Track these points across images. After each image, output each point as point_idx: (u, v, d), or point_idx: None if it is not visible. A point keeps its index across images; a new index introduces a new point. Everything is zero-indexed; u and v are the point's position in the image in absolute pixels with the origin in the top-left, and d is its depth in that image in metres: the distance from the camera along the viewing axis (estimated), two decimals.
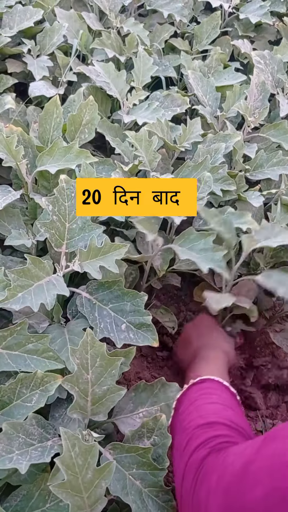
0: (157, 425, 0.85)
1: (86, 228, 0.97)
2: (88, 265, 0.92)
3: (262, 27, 1.88)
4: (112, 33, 1.54)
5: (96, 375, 0.79)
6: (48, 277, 0.90)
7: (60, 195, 0.95)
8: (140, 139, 1.15)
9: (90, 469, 0.68)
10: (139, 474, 0.80)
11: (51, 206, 0.94)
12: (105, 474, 0.69)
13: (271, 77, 1.52)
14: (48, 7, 1.60)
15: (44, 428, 0.80)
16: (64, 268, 0.94)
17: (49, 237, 0.95)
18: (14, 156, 1.07)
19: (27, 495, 0.77)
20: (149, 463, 0.80)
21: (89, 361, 0.78)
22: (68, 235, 0.96)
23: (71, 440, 0.67)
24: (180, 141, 1.28)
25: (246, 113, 1.36)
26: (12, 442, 0.76)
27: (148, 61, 1.44)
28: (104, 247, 0.92)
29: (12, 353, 0.84)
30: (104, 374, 0.80)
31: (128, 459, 0.81)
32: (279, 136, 1.37)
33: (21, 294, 0.85)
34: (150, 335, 0.92)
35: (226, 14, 1.81)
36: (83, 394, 0.79)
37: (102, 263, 0.91)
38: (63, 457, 0.67)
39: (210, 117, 1.40)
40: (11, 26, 1.49)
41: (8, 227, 1.07)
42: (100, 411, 0.82)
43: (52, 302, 0.86)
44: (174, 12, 1.72)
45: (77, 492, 0.67)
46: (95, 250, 0.92)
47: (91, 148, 1.36)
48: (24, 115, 1.34)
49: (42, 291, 0.87)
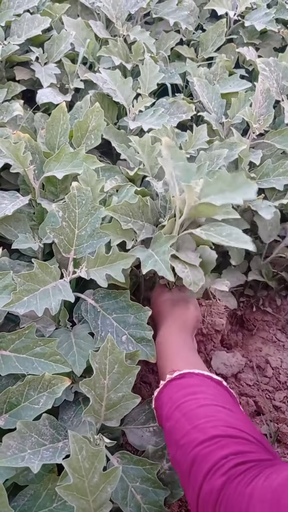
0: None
1: (95, 235, 0.98)
2: (95, 272, 0.93)
3: (267, 34, 1.90)
4: (119, 41, 1.56)
5: (113, 381, 0.80)
6: (54, 282, 0.91)
7: (71, 202, 0.96)
8: (143, 144, 1.16)
9: (97, 473, 0.68)
10: (141, 488, 0.80)
11: (61, 212, 0.96)
12: (111, 479, 0.69)
13: (276, 84, 1.53)
14: (55, 15, 1.63)
15: (55, 429, 0.81)
16: (71, 274, 0.95)
17: (57, 243, 0.96)
18: (21, 162, 1.09)
19: (34, 494, 0.77)
20: (154, 480, 0.81)
21: (107, 366, 0.79)
22: (76, 242, 0.98)
23: (79, 443, 0.68)
24: (186, 147, 1.29)
25: (251, 120, 1.37)
26: (25, 441, 0.77)
27: (154, 68, 1.46)
28: (112, 256, 0.93)
29: (20, 356, 0.85)
30: (120, 381, 0.81)
31: (134, 471, 0.82)
32: (284, 143, 1.38)
33: (27, 298, 0.86)
34: (149, 350, 0.93)
35: (231, 21, 1.83)
36: (99, 399, 0.80)
37: (109, 271, 0.92)
38: (71, 460, 0.67)
39: (216, 124, 1.42)
40: (19, 34, 1.52)
41: (15, 231, 1.08)
42: (113, 417, 0.82)
43: (57, 307, 0.87)
44: (180, 20, 1.74)
45: (83, 495, 0.68)
46: (102, 258, 0.93)
47: (97, 154, 1.38)
48: (32, 121, 1.36)
49: (47, 296, 0.88)
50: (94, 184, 1.07)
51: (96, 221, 0.97)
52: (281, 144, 1.38)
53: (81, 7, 1.75)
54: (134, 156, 1.26)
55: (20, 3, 1.58)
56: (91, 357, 0.79)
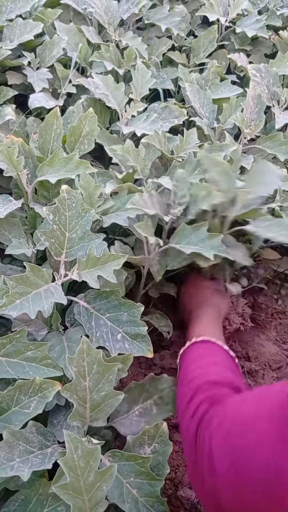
0: (158, 432, 0.86)
1: (85, 238, 0.98)
2: (87, 274, 0.93)
3: (258, 40, 1.92)
4: (111, 46, 1.57)
5: (94, 382, 0.80)
6: (46, 285, 0.91)
7: (61, 205, 0.97)
8: (127, 150, 1.18)
9: (92, 472, 0.68)
10: (136, 483, 0.81)
11: (52, 215, 0.96)
12: (107, 478, 0.69)
13: (267, 89, 1.55)
14: (48, 20, 1.64)
15: (43, 436, 0.81)
16: (63, 277, 0.95)
17: (48, 246, 0.96)
18: (14, 166, 1.09)
19: (25, 500, 0.77)
20: (147, 473, 0.81)
21: (86, 368, 0.79)
22: (67, 244, 0.98)
23: (74, 442, 0.68)
24: (177, 151, 1.30)
25: (243, 125, 1.38)
26: (13, 450, 0.76)
27: (146, 73, 1.47)
28: (103, 257, 0.93)
29: (11, 361, 0.85)
30: (101, 381, 0.80)
31: (127, 467, 0.82)
32: (275, 148, 1.39)
33: (19, 301, 0.86)
34: (145, 346, 0.94)
35: (222, 28, 1.85)
36: (82, 402, 0.80)
37: (100, 272, 0.93)
38: (66, 458, 0.67)
39: (207, 129, 1.43)
40: (11, 39, 1.52)
41: (9, 236, 1.08)
42: (99, 417, 0.83)
43: (50, 309, 0.87)
44: (172, 26, 1.75)
45: (79, 494, 0.68)
46: (93, 259, 0.93)
47: (90, 159, 1.38)
48: (24, 126, 1.36)
49: (40, 298, 0.88)
50: (92, 190, 1.08)
51: (86, 223, 0.98)
52: (272, 149, 1.39)
53: (73, 12, 1.76)
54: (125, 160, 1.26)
55: (12, 8, 1.58)
56: (68, 361, 0.79)
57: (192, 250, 1.03)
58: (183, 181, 1.13)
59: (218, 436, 0.70)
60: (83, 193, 1.07)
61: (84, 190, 1.07)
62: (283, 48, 1.82)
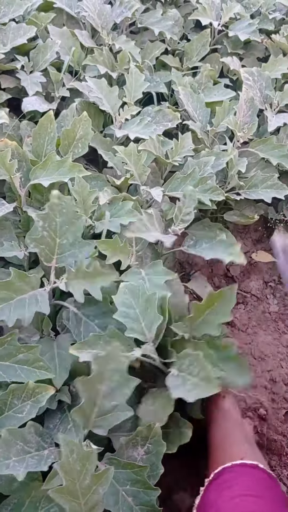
0: (151, 433, 0.85)
1: (76, 244, 0.96)
2: (74, 285, 0.92)
3: (251, 44, 1.93)
4: (104, 50, 1.58)
5: (109, 389, 0.78)
6: (32, 291, 0.90)
7: (52, 211, 0.93)
8: (129, 153, 1.17)
9: (88, 475, 0.68)
10: (132, 491, 0.80)
11: (42, 221, 0.92)
12: (103, 481, 0.69)
13: (260, 93, 1.55)
14: (41, 24, 1.64)
15: (41, 437, 0.81)
16: (52, 284, 0.94)
17: (38, 252, 0.94)
18: (7, 169, 1.09)
19: (18, 503, 0.77)
20: (144, 482, 0.80)
21: (107, 373, 0.77)
22: (58, 250, 0.95)
23: (70, 446, 0.68)
24: (172, 155, 1.31)
25: (236, 128, 1.39)
26: (10, 448, 0.76)
27: (139, 77, 1.48)
28: (92, 271, 0.91)
29: (3, 364, 0.85)
30: (116, 391, 0.79)
31: (123, 475, 0.81)
32: (268, 151, 1.40)
33: (0, 307, 0.84)
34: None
35: (215, 32, 1.86)
36: (91, 402, 0.78)
37: (87, 287, 0.91)
38: (62, 462, 0.67)
39: (201, 132, 1.43)
40: (4, 43, 1.52)
41: (1, 239, 1.08)
42: (102, 425, 0.81)
43: (30, 318, 0.86)
44: (165, 30, 1.76)
45: (75, 498, 0.67)
46: (82, 272, 0.91)
47: (83, 162, 1.38)
48: (18, 129, 1.36)
49: (23, 305, 0.87)
50: (86, 195, 1.07)
51: (77, 230, 0.95)
52: (265, 152, 1.40)
53: (66, 16, 1.76)
54: (120, 164, 1.27)
55: (6, 12, 1.59)
56: (93, 359, 0.76)
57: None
58: (191, 198, 1.11)
59: None
60: (77, 198, 1.07)
61: (78, 195, 1.07)
62: (275, 52, 1.83)
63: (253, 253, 1.58)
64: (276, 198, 1.36)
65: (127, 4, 1.73)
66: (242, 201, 1.39)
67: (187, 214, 1.11)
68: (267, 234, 1.65)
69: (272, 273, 1.58)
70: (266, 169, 1.43)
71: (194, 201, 1.11)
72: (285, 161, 1.38)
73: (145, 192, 1.17)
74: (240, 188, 1.37)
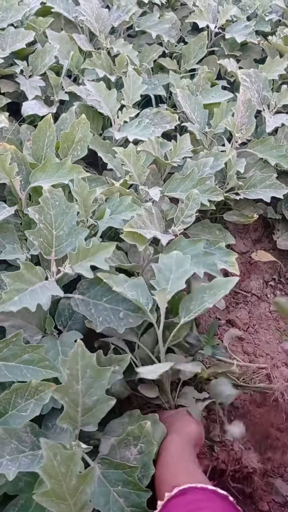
0: (142, 432, 0.84)
1: (73, 233, 0.98)
2: (79, 266, 0.94)
3: (248, 46, 1.94)
4: (102, 53, 1.59)
5: (86, 386, 0.79)
6: (41, 282, 0.91)
7: (45, 204, 0.97)
8: (128, 154, 1.18)
9: (74, 476, 0.68)
10: (123, 492, 0.80)
11: (37, 214, 0.96)
12: (88, 480, 0.69)
13: (257, 94, 1.57)
14: (39, 29, 1.65)
15: (37, 437, 0.80)
16: (55, 274, 0.96)
17: (38, 245, 0.97)
18: (8, 173, 1.10)
19: (25, 504, 0.77)
20: (135, 483, 0.80)
21: (79, 372, 0.79)
22: (56, 242, 0.98)
23: (52, 449, 0.68)
24: (171, 156, 1.32)
25: (234, 129, 1.40)
26: (4, 447, 0.76)
27: (137, 80, 1.49)
28: (92, 248, 0.93)
29: (9, 364, 0.85)
30: (94, 385, 0.80)
31: (115, 475, 0.81)
32: (266, 152, 1.41)
33: (18, 297, 0.85)
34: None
35: (212, 34, 1.87)
36: (73, 405, 0.79)
37: (92, 262, 0.93)
38: (45, 466, 0.67)
39: (199, 134, 1.44)
40: (3, 48, 1.54)
41: (3, 242, 1.09)
42: (90, 421, 0.82)
43: (48, 302, 0.87)
44: (162, 33, 1.77)
45: (62, 500, 0.67)
46: (84, 251, 0.93)
47: (83, 165, 1.39)
48: (17, 133, 1.37)
49: (37, 293, 0.88)
50: (86, 195, 1.08)
51: (72, 219, 0.98)
52: (263, 153, 1.41)
53: (64, 21, 1.77)
54: (120, 166, 1.28)
55: (4, 17, 1.60)
56: (61, 363, 0.79)
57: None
58: (195, 201, 1.12)
59: None
60: (77, 199, 1.08)
61: (78, 196, 1.08)
62: (272, 53, 1.84)
63: (253, 253, 1.59)
64: (275, 197, 1.37)
65: (124, 8, 1.74)
66: (241, 201, 1.40)
67: (188, 216, 1.12)
68: (266, 234, 1.66)
69: (272, 272, 1.59)
70: (265, 169, 1.45)
71: (197, 204, 1.13)
72: (283, 161, 1.40)
73: (144, 192, 1.18)
74: (239, 188, 1.38)
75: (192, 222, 1.13)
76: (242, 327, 1.43)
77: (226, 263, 1.10)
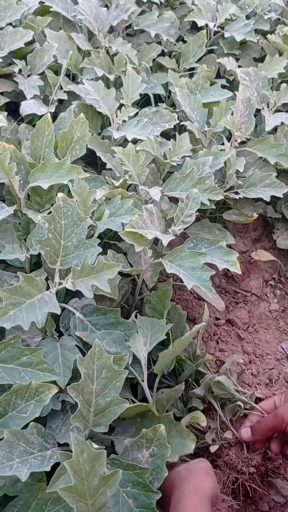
0: (156, 435, 0.84)
1: (81, 246, 0.97)
2: (81, 283, 0.93)
3: (247, 44, 1.94)
4: (101, 52, 1.59)
5: (101, 386, 0.80)
6: (40, 294, 0.90)
7: (57, 213, 0.95)
8: (128, 154, 1.18)
9: (97, 476, 0.67)
10: (133, 493, 0.79)
11: (47, 224, 0.95)
12: (111, 483, 0.69)
13: (256, 93, 1.56)
14: (38, 28, 1.65)
15: (44, 438, 0.81)
16: (57, 285, 0.95)
17: (43, 254, 0.95)
18: (6, 172, 1.09)
19: (24, 505, 0.77)
20: (145, 484, 0.80)
21: (95, 371, 0.80)
22: (63, 253, 0.97)
23: (80, 446, 0.67)
24: (170, 156, 1.31)
25: (233, 128, 1.40)
26: (13, 450, 0.76)
27: (136, 79, 1.48)
28: (97, 266, 0.92)
29: (7, 366, 0.85)
30: (108, 386, 0.81)
31: (125, 476, 0.80)
32: (265, 151, 1.41)
33: (13, 312, 0.84)
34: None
35: (211, 33, 1.87)
36: (87, 404, 0.80)
37: (95, 282, 0.92)
38: (72, 461, 0.66)
39: (198, 133, 1.44)
40: (2, 47, 1.53)
41: (2, 242, 1.08)
42: (102, 422, 0.82)
43: (43, 320, 0.86)
44: (161, 32, 1.77)
45: (82, 498, 0.67)
46: (88, 268, 0.92)
47: (82, 164, 1.39)
48: (16, 133, 1.37)
49: (33, 308, 0.87)
50: (85, 195, 1.08)
51: (82, 231, 0.97)
52: (262, 152, 1.41)
53: (63, 20, 1.77)
54: (119, 165, 1.27)
55: (2, 17, 1.60)
56: (79, 361, 0.79)
57: (175, 272, 0.98)
58: (195, 200, 1.10)
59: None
60: (77, 199, 1.07)
61: (78, 196, 1.07)
62: (271, 52, 1.84)
63: (253, 252, 1.59)
64: (275, 196, 1.36)
65: (123, 7, 1.74)
66: (241, 200, 1.40)
67: (188, 216, 1.11)
68: (266, 233, 1.65)
69: (272, 271, 1.59)
70: (264, 168, 1.44)
71: (197, 204, 1.11)
72: (283, 160, 1.39)
73: (144, 192, 1.18)
74: (238, 187, 1.37)
75: (192, 222, 1.13)
76: (242, 327, 1.43)
77: (227, 262, 1.09)
